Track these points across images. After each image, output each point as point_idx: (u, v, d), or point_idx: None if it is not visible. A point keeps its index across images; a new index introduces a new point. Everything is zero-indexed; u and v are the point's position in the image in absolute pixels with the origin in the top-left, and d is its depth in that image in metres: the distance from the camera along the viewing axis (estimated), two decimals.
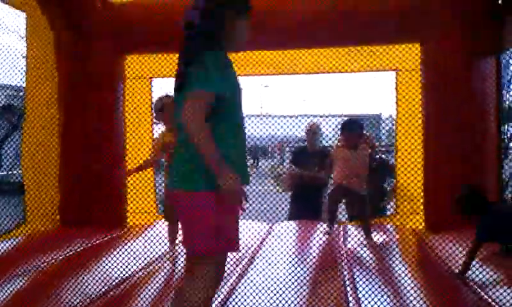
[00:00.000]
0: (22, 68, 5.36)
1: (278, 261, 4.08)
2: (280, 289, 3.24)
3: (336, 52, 5.49)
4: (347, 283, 3.57)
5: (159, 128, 4.95)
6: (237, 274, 3.77)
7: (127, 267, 3.87)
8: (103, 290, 3.48)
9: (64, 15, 5.17)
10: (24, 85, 5.37)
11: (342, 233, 5.19)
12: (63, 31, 5.28)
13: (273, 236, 5.06)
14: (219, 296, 3.27)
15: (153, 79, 6.04)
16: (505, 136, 5.18)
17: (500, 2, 4.68)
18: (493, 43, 4.74)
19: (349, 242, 4.81)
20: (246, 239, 4.69)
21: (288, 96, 48.53)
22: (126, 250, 4.27)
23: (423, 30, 4.96)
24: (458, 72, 4.80)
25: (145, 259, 4.17)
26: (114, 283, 3.60)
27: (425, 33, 4.99)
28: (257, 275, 3.66)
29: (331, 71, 5.71)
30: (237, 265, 3.96)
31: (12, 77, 5.55)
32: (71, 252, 4.44)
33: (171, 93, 2.63)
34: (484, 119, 4.93)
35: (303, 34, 5.10)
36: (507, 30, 4.59)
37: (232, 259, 4.04)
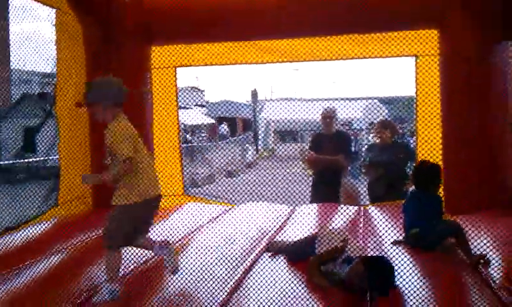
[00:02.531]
0: (53, 56, 5.58)
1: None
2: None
3: (356, 38, 5.60)
4: None
5: None
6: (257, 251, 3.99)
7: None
8: (132, 266, 3.67)
9: (92, 7, 5.37)
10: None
11: (363, 214, 5.31)
12: (91, 22, 5.49)
13: (294, 218, 5.22)
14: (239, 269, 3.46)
15: (177, 68, 6.28)
16: None
17: None
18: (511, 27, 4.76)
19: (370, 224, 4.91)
20: (270, 220, 4.89)
21: (318, 80, 48.53)
22: (155, 230, 4.51)
23: (441, 16, 5.01)
24: (476, 56, 4.83)
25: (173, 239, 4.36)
26: (142, 261, 3.78)
27: (444, 19, 5.04)
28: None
29: (355, 58, 5.85)
30: (256, 245, 4.15)
31: (45, 65, 5.76)
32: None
33: None
34: (501, 100, 4.96)
35: (327, 22, 5.24)
36: None
37: (251, 239, 4.26)
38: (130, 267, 3.64)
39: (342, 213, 5.22)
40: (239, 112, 24.92)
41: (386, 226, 4.64)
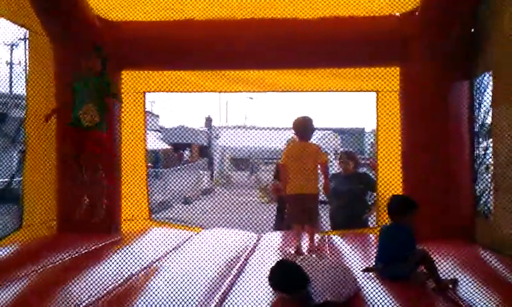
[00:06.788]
0: (6, 76, 5.48)
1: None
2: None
3: (322, 72, 5.85)
4: None
5: None
6: (231, 276, 4.05)
7: (121, 272, 4.05)
8: (98, 293, 3.55)
9: (64, 32, 5.37)
10: (11, 92, 5.47)
11: (327, 242, 5.46)
12: (62, 46, 5.50)
13: (262, 245, 5.32)
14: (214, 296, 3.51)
15: (145, 93, 6.34)
16: (482, 151, 5.47)
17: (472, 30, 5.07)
18: (467, 67, 5.12)
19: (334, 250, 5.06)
20: (238, 247, 4.98)
21: (272, 109, 49.30)
22: (120, 256, 4.49)
23: (402, 54, 5.32)
24: (434, 93, 5.15)
25: (139, 265, 4.34)
26: (108, 288, 3.68)
27: (404, 58, 5.35)
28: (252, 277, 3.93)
29: (317, 91, 6.09)
30: (229, 271, 4.21)
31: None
32: (67, 258, 4.60)
33: None
34: (458, 136, 5.28)
35: (291, 55, 5.45)
36: (480, 58, 4.97)
37: (223, 265, 4.32)
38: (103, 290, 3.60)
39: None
40: (194, 139, 24.92)
41: (351, 253, 4.81)
